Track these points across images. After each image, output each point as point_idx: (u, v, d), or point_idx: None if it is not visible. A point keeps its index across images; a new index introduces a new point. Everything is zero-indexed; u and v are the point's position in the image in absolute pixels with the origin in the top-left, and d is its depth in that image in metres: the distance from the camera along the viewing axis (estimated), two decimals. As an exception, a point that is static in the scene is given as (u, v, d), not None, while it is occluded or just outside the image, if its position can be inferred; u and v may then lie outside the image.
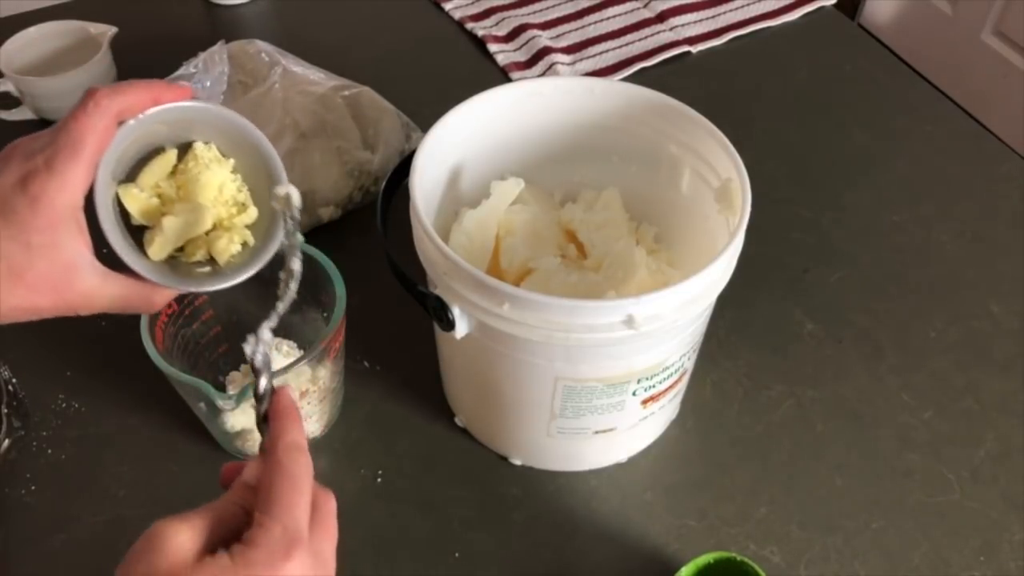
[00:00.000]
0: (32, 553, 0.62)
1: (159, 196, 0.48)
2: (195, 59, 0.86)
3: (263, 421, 0.44)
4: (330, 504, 0.42)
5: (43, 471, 0.67)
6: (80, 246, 0.44)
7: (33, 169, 0.42)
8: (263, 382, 0.44)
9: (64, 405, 0.70)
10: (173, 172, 0.48)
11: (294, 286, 0.46)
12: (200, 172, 0.47)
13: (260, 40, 0.88)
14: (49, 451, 0.68)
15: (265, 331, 0.44)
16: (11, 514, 0.64)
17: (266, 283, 0.51)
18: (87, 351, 0.73)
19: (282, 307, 0.46)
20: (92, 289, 0.45)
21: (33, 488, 0.66)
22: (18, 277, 0.43)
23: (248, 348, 0.44)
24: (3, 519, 0.64)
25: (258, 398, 0.44)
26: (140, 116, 0.45)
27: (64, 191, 0.43)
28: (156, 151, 0.48)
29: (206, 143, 0.49)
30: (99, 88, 0.44)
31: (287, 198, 0.47)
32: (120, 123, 0.44)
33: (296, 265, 0.47)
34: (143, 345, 0.59)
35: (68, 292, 0.44)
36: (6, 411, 0.67)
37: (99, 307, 0.45)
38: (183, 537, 0.37)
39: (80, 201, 0.44)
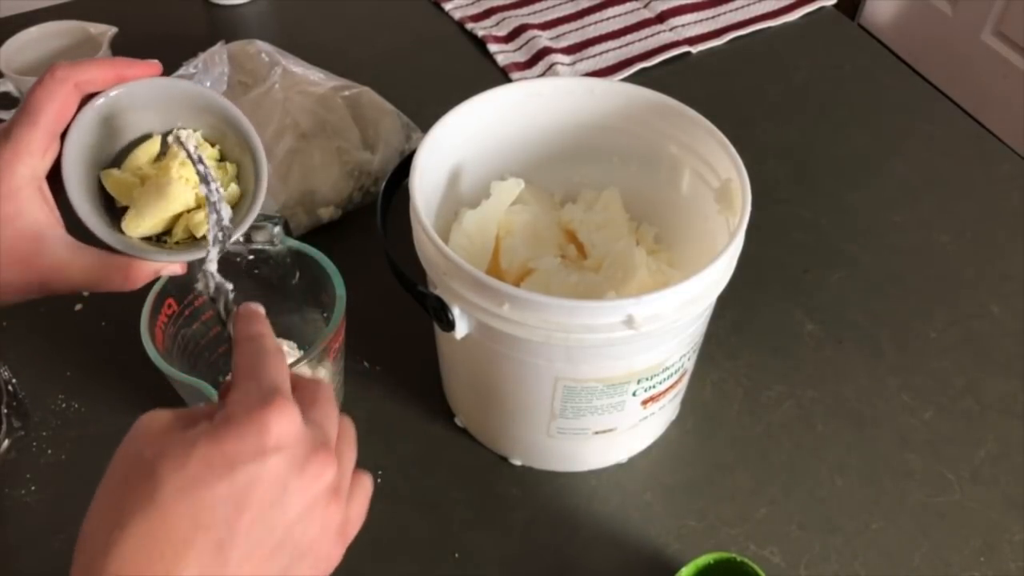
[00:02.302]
0: (32, 553, 0.62)
1: (140, 178, 0.47)
2: (195, 59, 0.85)
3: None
4: (325, 391, 0.41)
5: (43, 471, 0.67)
6: (45, 216, 0.44)
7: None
8: (221, 306, 0.44)
9: (64, 405, 0.70)
10: (158, 159, 0.48)
11: (223, 210, 0.46)
12: (182, 161, 0.47)
13: (260, 40, 0.88)
14: (49, 451, 0.68)
15: (209, 264, 0.44)
16: (11, 514, 0.64)
17: (267, 284, 0.51)
18: (87, 351, 0.73)
19: (212, 233, 0.45)
20: (63, 261, 0.44)
21: (33, 488, 0.66)
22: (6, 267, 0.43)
23: (199, 285, 0.44)
24: (3, 519, 0.64)
25: (223, 322, 0.44)
26: (108, 93, 0.45)
27: (20, 158, 0.42)
28: (144, 139, 0.48)
29: (195, 130, 0.48)
30: (59, 63, 0.44)
31: (176, 138, 0.46)
32: (88, 99, 0.44)
33: (210, 191, 0.45)
34: (143, 345, 0.59)
35: (37, 264, 0.43)
36: (6, 411, 0.67)
37: (74, 281, 0.45)
38: (162, 414, 0.36)
39: (40, 171, 0.43)
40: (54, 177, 0.44)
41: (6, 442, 0.66)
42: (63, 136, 0.44)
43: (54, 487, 0.66)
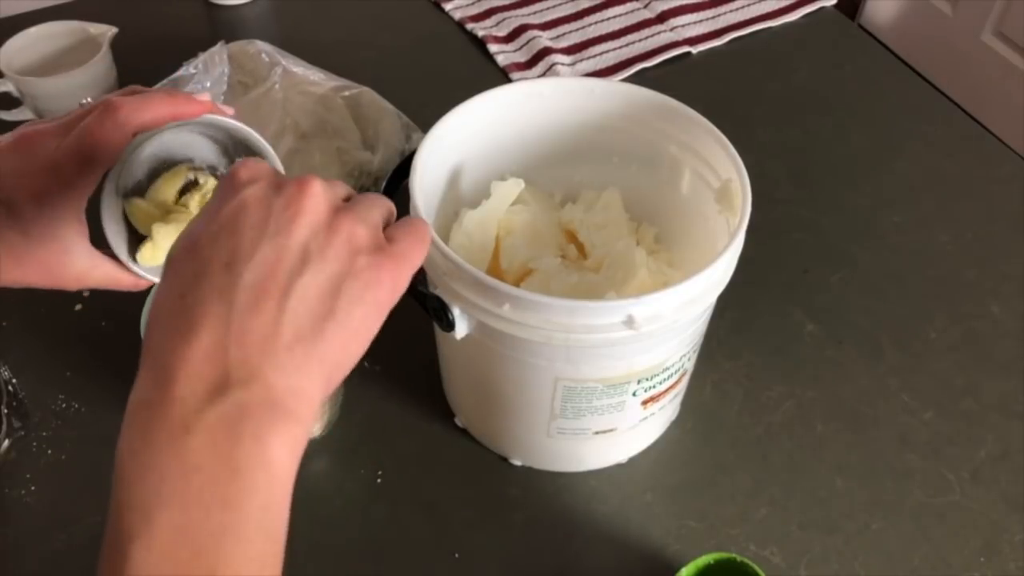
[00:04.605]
0: (32, 553, 0.62)
1: (163, 211, 0.49)
2: (195, 59, 0.86)
3: None
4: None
5: (43, 471, 0.67)
6: (77, 236, 0.46)
7: (41, 172, 0.44)
8: None
9: (64, 405, 0.70)
10: (183, 192, 0.49)
11: None
12: (203, 196, 0.48)
13: (260, 40, 0.88)
14: (49, 451, 0.68)
15: None
16: (11, 514, 0.64)
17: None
18: (87, 351, 0.73)
19: None
20: (83, 271, 0.47)
21: (33, 488, 0.66)
22: (16, 260, 0.45)
23: None
24: (3, 519, 0.64)
25: None
26: (156, 134, 0.46)
27: (69, 199, 0.44)
28: (170, 164, 0.49)
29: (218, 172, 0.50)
30: (120, 102, 0.44)
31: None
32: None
33: None
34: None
35: (60, 274, 0.47)
36: (6, 411, 0.67)
37: (88, 285, 0.48)
38: None
39: (83, 204, 0.45)
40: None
41: (6, 442, 0.66)
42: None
43: (54, 487, 0.66)
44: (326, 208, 0.37)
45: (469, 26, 1.07)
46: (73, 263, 0.47)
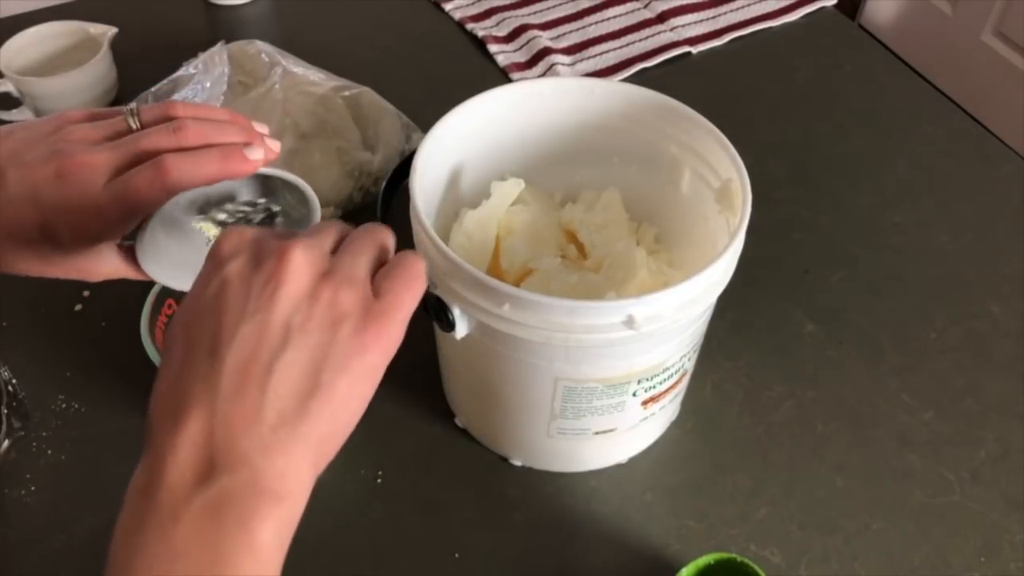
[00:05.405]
0: (32, 553, 0.62)
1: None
2: (195, 60, 0.86)
3: None
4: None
5: (43, 471, 0.67)
6: (107, 247, 0.49)
7: (84, 210, 0.45)
8: None
9: (64, 406, 0.70)
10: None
11: None
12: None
13: (260, 40, 0.88)
14: (49, 451, 0.68)
15: None
16: (11, 514, 0.64)
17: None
18: (87, 351, 0.73)
19: None
20: (109, 271, 0.50)
21: (33, 488, 0.66)
22: (47, 264, 0.48)
23: None
24: (3, 519, 0.64)
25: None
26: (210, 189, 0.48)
27: (107, 233, 0.47)
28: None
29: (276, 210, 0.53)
30: (172, 164, 0.44)
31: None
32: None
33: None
34: (143, 345, 0.59)
35: (87, 274, 0.50)
36: (6, 411, 0.67)
37: (110, 277, 0.51)
38: None
39: (119, 235, 0.48)
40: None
41: (6, 442, 0.66)
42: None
43: (54, 487, 0.66)
44: (307, 277, 0.37)
45: (469, 26, 1.07)
46: (101, 267, 0.49)
